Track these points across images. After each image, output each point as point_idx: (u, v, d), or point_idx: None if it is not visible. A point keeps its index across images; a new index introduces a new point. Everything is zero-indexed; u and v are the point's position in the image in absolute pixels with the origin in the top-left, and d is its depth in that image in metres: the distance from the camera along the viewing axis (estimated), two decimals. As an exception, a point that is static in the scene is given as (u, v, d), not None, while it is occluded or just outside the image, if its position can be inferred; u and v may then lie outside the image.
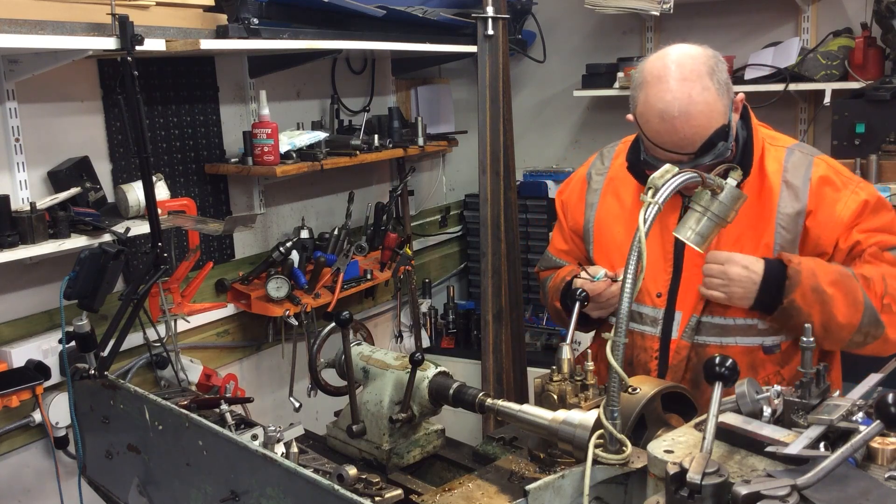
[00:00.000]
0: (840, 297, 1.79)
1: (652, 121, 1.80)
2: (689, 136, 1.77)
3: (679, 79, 1.77)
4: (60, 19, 2.32)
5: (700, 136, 1.77)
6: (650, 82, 1.81)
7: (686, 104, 1.75)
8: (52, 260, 2.58)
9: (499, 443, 1.76)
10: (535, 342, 4.23)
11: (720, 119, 1.79)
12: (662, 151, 1.81)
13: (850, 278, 1.81)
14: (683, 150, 1.79)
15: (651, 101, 1.79)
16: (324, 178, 3.62)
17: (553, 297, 2.15)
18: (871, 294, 1.80)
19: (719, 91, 1.79)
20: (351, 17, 3.24)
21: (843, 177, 1.92)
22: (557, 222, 2.27)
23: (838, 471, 1.08)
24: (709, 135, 1.78)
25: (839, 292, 1.79)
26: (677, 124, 1.76)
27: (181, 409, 1.68)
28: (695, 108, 1.76)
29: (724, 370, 1.27)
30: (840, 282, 1.80)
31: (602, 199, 2.11)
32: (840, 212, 1.87)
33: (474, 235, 4.48)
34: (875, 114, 3.38)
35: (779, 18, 3.89)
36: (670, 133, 1.78)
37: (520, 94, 4.57)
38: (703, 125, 1.77)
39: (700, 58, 1.82)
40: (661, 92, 1.78)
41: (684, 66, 1.79)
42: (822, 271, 1.81)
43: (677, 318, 1.95)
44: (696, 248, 1.63)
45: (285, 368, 3.49)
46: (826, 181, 1.89)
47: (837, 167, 1.95)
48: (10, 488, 2.63)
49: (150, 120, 2.92)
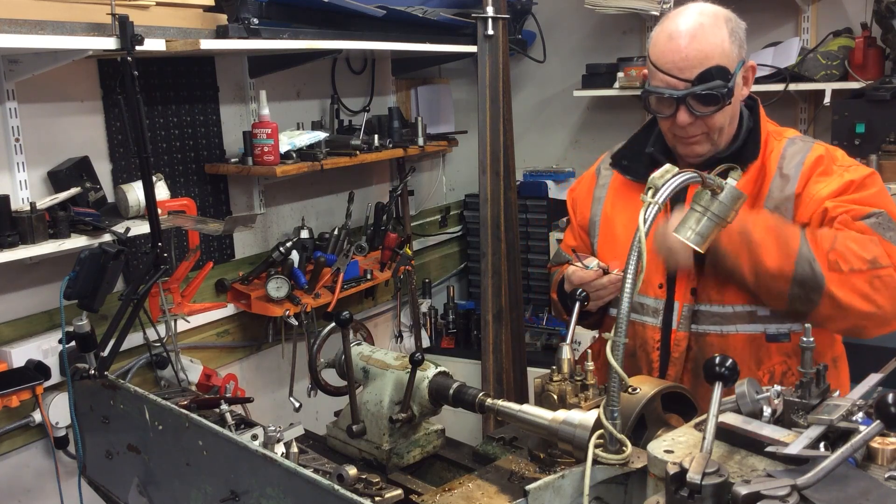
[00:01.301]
0: (771, 242, 1.73)
1: (660, 42, 1.87)
2: (691, 58, 1.82)
3: (696, 12, 1.88)
4: (60, 19, 2.32)
5: (699, 61, 1.82)
6: (669, 16, 1.92)
7: (695, 29, 1.84)
8: (52, 260, 2.58)
9: (499, 443, 1.76)
10: (535, 342, 4.23)
11: (724, 59, 1.84)
12: (662, 75, 1.86)
13: (790, 228, 1.77)
14: (682, 75, 1.83)
15: (664, 25, 1.89)
16: (324, 178, 3.62)
17: (553, 288, 2.17)
18: (815, 247, 1.73)
19: (731, 38, 1.86)
20: (351, 17, 3.24)
21: (837, 163, 1.89)
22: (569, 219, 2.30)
23: (838, 471, 1.08)
24: (710, 65, 1.82)
25: (770, 237, 1.74)
26: (682, 44, 1.83)
27: (181, 409, 1.68)
28: (702, 35, 1.83)
29: (724, 370, 1.27)
30: (774, 229, 1.76)
31: (609, 194, 2.13)
32: (821, 189, 1.84)
33: (474, 235, 4.48)
34: (875, 114, 3.38)
35: (779, 18, 3.90)
36: (674, 52, 1.83)
37: (520, 94, 4.57)
38: (707, 53, 1.82)
39: (721, 11, 1.91)
40: (676, 17, 1.88)
41: (704, 8, 1.90)
42: (755, 219, 1.77)
43: (675, 309, 1.95)
44: (697, 249, 1.63)
45: (285, 368, 3.49)
46: (818, 163, 1.87)
47: (835, 153, 1.92)
48: (10, 488, 2.63)
49: (150, 120, 2.92)
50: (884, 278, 1.72)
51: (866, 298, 1.72)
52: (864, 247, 1.73)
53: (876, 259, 1.72)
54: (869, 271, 1.72)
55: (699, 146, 1.93)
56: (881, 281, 1.72)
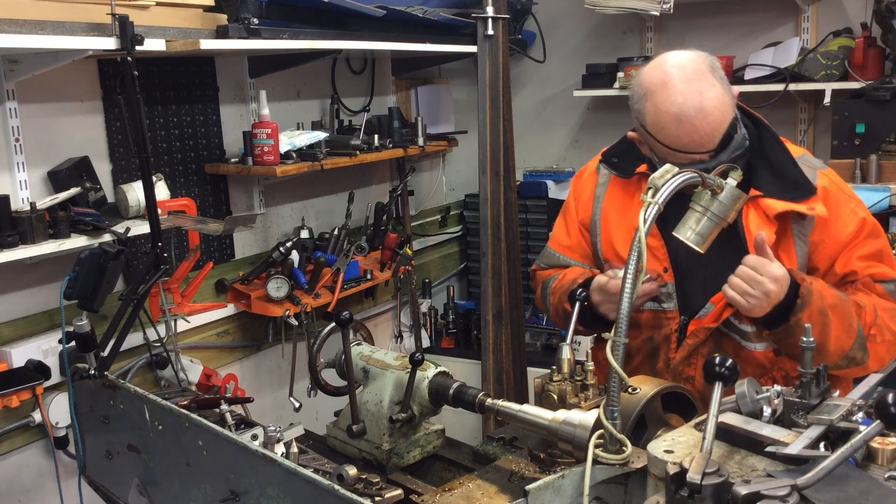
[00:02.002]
0: (837, 321, 1.78)
1: (668, 126, 1.78)
2: (710, 133, 1.77)
3: (684, 80, 1.78)
4: (60, 19, 2.32)
5: (718, 131, 1.78)
6: (655, 91, 1.80)
7: (700, 102, 1.75)
8: (52, 260, 2.58)
9: (499, 443, 1.76)
10: (535, 342, 4.23)
11: (731, 112, 1.80)
12: (682, 154, 1.79)
13: (848, 304, 1.81)
14: (704, 149, 1.78)
15: (663, 108, 1.78)
16: (324, 178, 3.62)
17: (562, 299, 2.08)
18: (862, 322, 1.81)
19: (723, 86, 1.81)
20: (351, 17, 3.24)
21: (845, 194, 1.92)
22: (563, 215, 2.23)
23: (838, 471, 1.08)
24: (725, 129, 1.78)
25: (837, 317, 1.78)
26: (696, 123, 1.76)
27: (181, 409, 1.68)
28: (709, 105, 1.76)
29: (724, 370, 1.27)
30: (839, 306, 1.79)
31: (607, 193, 2.10)
32: (840, 229, 1.86)
33: (474, 235, 4.48)
34: (875, 114, 3.38)
35: (779, 18, 3.89)
36: (690, 133, 1.77)
37: (520, 94, 4.57)
38: (720, 119, 1.77)
39: (696, 59, 1.83)
40: (671, 96, 1.77)
41: (685, 69, 1.80)
42: (827, 293, 1.78)
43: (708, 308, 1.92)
44: (697, 249, 1.63)
45: (285, 368, 3.49)
46: (829, 194, 1.88)
47: (840, 182, 1.95)
48: (10, 488, 2.63)
49: (150, 120, 2.92)
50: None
51: (880, 361, 1.87)
52: (893, 319, 1.86)
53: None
54: (892, 341, 1.86)
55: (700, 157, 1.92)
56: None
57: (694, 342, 1.93)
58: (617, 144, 2.12)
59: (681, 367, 1.95)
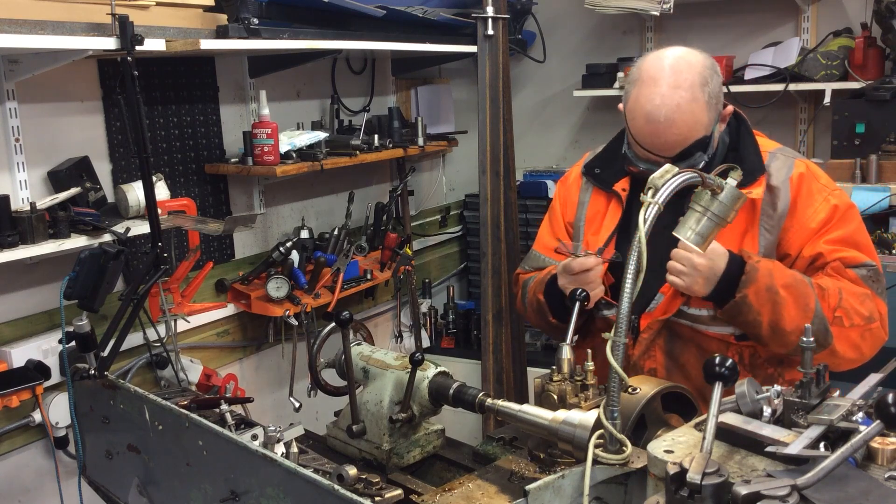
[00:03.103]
0: (791, 300, 1.80)
1: (638, 120, 1.88)
2: (670, 143, 1.85)
3: (672, 85, 1.83)
4: (60, 19, 2.32)
5: (679, 144, 1.85)
6: (644, 81, 1.88)
7: (672, 112, 1.83)
8: (52, 260, 2.58)
9: (499, 443, 1.76)
10: (535, 342, 4.23)
11: (702, 131, 1.86)
12: (642, 150, 1.90)
13: (805, 285, 1.83)
14: (661, 153, 1.86)
15: (641, 102, 1.87)
16: (324, 178, 3.62)
17: (537, 289, 2.11)
18: (825, 304, 1.82)
19: (707, 104, 1.85)
20: (351, 17, 3.24)
21: (820, 183, 1.94)
22: (548, 219, 2.27)
23: (838, 471, 1.08)
24: (688, 144, 1.85)
25: (791, 296, 1.80)
26: (660, 129, 1.84)
27: (181, 409, 1.68)
28: (680, 118, 1.83)
29: (724, 370, 1.27)
30: (794, 286, 1.81)
31: (590, 199, 2.14)
32: (811, 216, 1.89)
33: (474, 235, 4.48)
34: (875, 114, 3.38)
35: (779, 18, 3.90)
36: (652, 136, 1.86)
37: (520, 94, 4.57)
38: (684, 135, 1.85)
39: (697, 66, 1.86)
40: (652, 94, 1.85)
41: (679, 73, 1.85)
42: (778, 273, 1.82)
43: (658, 299, 1.96)
44: (697, 248, 1.63)
45: (285, 368, 3.49)
46: (804, 181, 1.92)
47: (816, 171, 1.97)
48: (10, 488, 2.63)
49: (150, 120, 2.92)
50: (873, 331, 1.88)
51: (855, 348, 1.87)
52: (863, 303, 1.86)
53: (871, 315, 1.87)
54: (863, 326, 1.86)
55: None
56: (871, 333, 1.88)
57: (649, 335, 1.97)
58: (599, 154, 2.17)
59: (641, 361, 1.99)
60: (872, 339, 1.88)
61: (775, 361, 1.96)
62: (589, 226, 2.12)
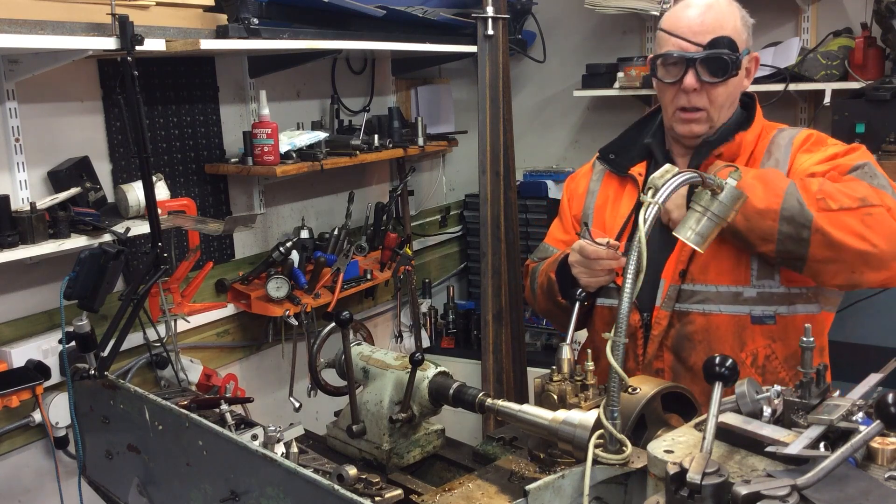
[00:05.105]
0: (760, 186, 1.75)
1: (676, 11, 1.96)
2: (706, 24, 1.89)
3: None
4: (60, 19, 2.32)
5: (714, 29, 1.89)
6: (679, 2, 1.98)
7: (712, 2, 1.93)
8: (52, 260, 2.58)
9: (499, 443, 1.76)
10: (535, 342, 4.23)
11: (735, 34, 1.91)
12: (675, 40, 1.92)
13: (779, 175, 1.81)
14: (695, 39, 1.89)
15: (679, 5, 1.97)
16: (324, 178, 3.62)
17: (549, 268, 2.10)
18: (802, 189, 1.73)
19: (742, 21, 1.94)
20: (351, 17, 3.24)
21: (827, 142, 1.94)
22: (559, 216, 2.29)
23: (838, 471, 1.08)
24: (723, 34, 1.89)
25: (759, 182, 1.76)
26: (698, 11, 1.91)
27: (181, 409, 1.68)
28: (718, 8, 1.92)
29: (724, 370, 1.27)
30: (764, 175, 1.79)
31: (601, 188, 2.16)
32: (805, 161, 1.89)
33: (474, 235, 4.48)
34: (875, 114, 3.38)
35: (779, 18, 3.89)
36: (690, 18, 1.91)
37: (520, 94, 4.57)
38: (721, 23, 1.90)
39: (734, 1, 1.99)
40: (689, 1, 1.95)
41: None
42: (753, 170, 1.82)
43: (661, 287, 1.95)
44: (697, 249, 1.63)
45: (285, 368, 3.49)
46: (806, 140, 1.93)
47: (822, 136, 1.97)
48: (10, 488, 2.63)
49: (150, 120, 2.92)
50: (875, 216, 1.69)
51: (860, 237, 1.69)
52: (852, 188, 1.73)
53: (866, 198, 1.70)
54: (860, 209, 1.69)
55: (698, 125, 1.96)
56: (873, 218, 1.69)
57: (659, 331, 1.95)
58: (615, 140, 2.18)
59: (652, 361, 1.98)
60: (877, 223, 1.68)
61: (789, 365, 1.92)
62: (598, 214, 2.12)
